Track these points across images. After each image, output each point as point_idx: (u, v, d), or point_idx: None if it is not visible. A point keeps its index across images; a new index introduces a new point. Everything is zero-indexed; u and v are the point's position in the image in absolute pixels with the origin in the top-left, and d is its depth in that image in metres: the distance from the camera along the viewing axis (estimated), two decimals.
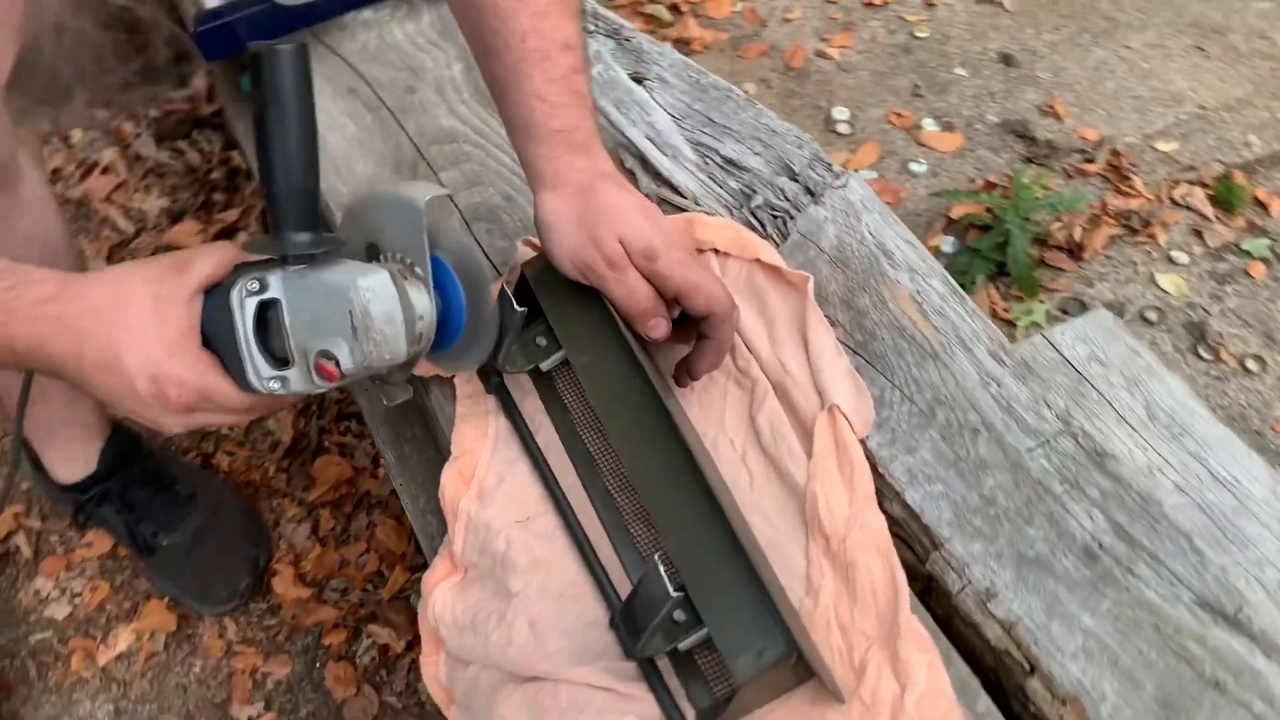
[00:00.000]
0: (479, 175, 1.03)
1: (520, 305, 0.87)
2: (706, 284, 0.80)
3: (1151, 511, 0.78)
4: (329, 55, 1.14)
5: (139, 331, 0.70)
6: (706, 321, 0.81)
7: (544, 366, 0.86)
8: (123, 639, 1.43)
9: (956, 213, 1.91)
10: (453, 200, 1.01)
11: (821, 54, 2.22)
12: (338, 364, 0.71)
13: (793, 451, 0.84)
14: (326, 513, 1.54)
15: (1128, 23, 2.32)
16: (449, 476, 0.85)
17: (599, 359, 0.82)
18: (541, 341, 0.86)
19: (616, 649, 0.77)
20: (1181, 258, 1.90)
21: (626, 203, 0.80)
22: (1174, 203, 1.97)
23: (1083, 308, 1.82)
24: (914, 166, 2.01)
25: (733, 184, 1.01)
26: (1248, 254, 1.91)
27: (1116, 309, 1.84)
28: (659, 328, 0.81)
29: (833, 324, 0.89)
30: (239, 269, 0.74)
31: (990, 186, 1.92)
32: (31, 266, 0.73)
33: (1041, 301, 1.81)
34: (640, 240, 0.79)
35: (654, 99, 1.07)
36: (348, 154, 1.05)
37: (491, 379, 0.89)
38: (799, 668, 0.72)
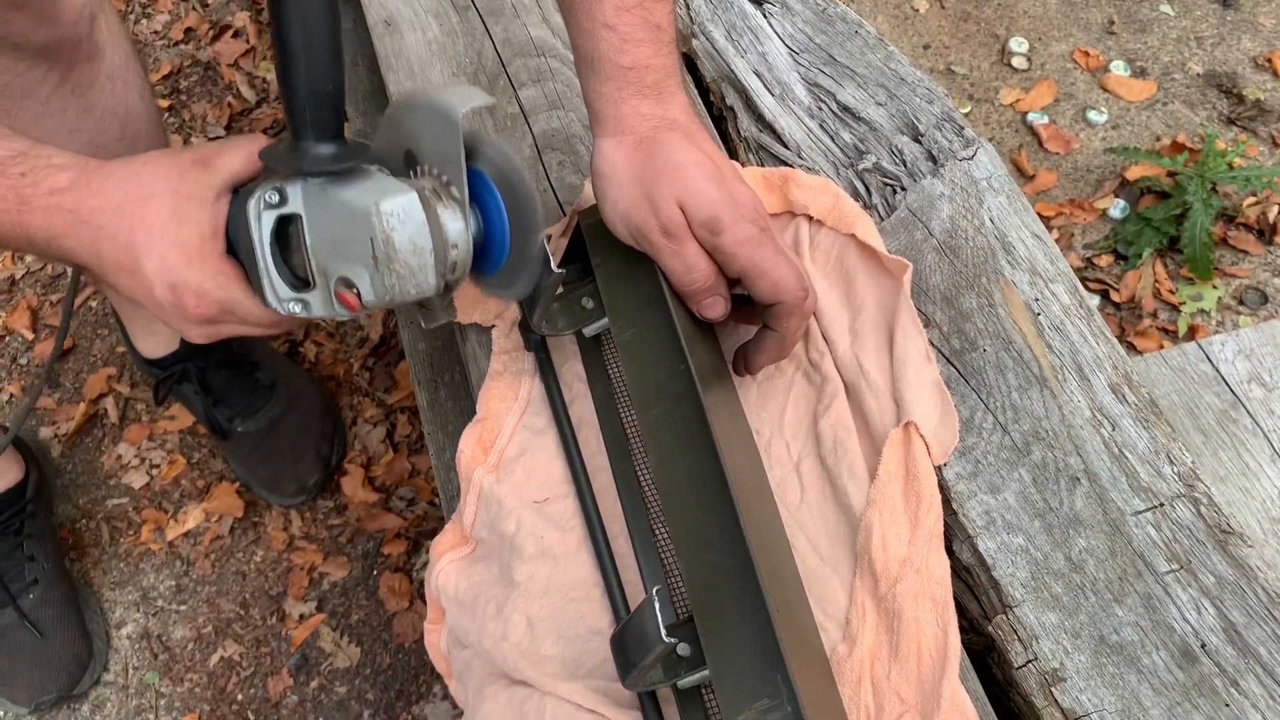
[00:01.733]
0: (562, 97, 0.92)
1: (570, 260, 0.77)
2: (776, 269, 0.68)
3: (1279, 615, 0.64)
4: None
5: (158, 233, 0.64)
6: (772, 310, 0.69)
7: (587, 332, 0.77)
8: (192, 517, 1.43)
9: (1133, 174, 1.70)
10: (528, 124, 0.91)
11: None
12: (359, 295, 0.64)
13: (854, 469, 0.72)
14: (404, 418, 1.50)
15: None
16: (468, 440, 0.77)
17: (645, 336, 0.71)
18: (588, 304, 0.76)
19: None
20: None
21: (695, 161, 0.68)
22: None
23: (1263, 300, 1.59)
24: (1093, 115, 1.78)
25: (845, 136, 0.87)
26: None
27: None
28: (714, 308, 0.70)
29: (928, 323, 0.76)
30: (267, 171, 0.66)
31: (1177, 149, 1.69)
32: (53, 150, 0.67)
33: (1215, 287, 1.59)
34: (704, 209, 0.67)
35: (771, 26, 0.93)
36: (425, 58, 0.95)
37: (532, 335, 0.80)
38: None
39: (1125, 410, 0.71)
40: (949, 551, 0.70)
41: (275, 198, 0.64)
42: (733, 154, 0.90)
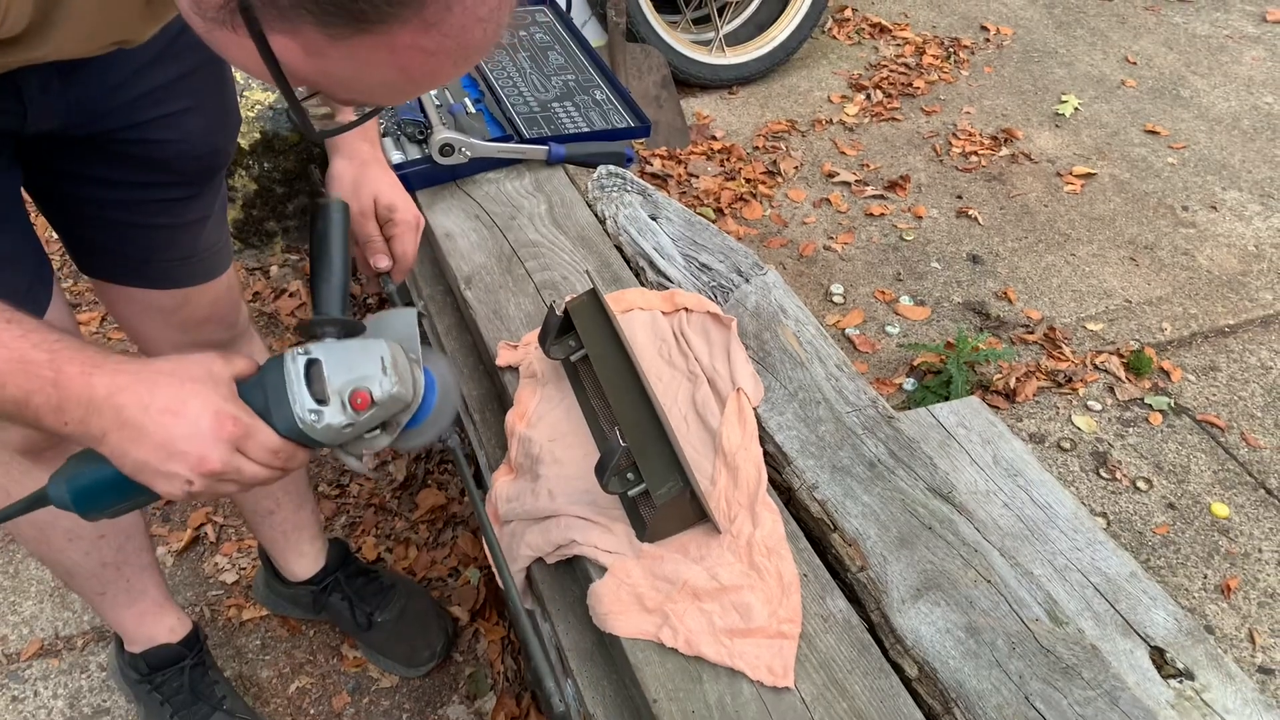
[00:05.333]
0: (550, 265, 1.67)
1: (565, 326, 1.50)
2: (409, 247, 1.31)
3: (913, 448, 1.33)
4: (466, 196, 1.83)
5: (199, 385, 0.89)
6: (399, 266, 1.32)
7: (572, 359, 1.47)
8: None
9: (917, 360, 2.50)
10: (531, 279, 1.66)
11: (828, 248, 2.88)
12: (370, 394, 0.91)
13: (714, 412, 1.41)
14: (425, 527, 2.12)
15: (1077, 238, 2.94)
16: (510, 415, 1.45)
17: (607, 354, 1.42)
18: (572, 343, 1.47)
19: (600, 500, 1.32)
20: (1096, 406, 2.43)
21: (385, 178, 1.25)
22: (1095, 367, 2.52)
23: None
24: (889, 329, 2.61)
25: (704, 277, 1.63)
26: (1150, 407, 2.44)
27: (1038, 438, 2.36)
28: (382, 261, 1.27)
29: (747, 346, 1.49)
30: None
31: (945, 345, 2.51)
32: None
33: None
34: (384, 200, 1.25)
35: (662, 229, 1.72)
36: (470, 250, 1.71)
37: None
38: (695, 506, 1.27)
39: (843, 374, 1.43)
40: (763, 446, 1.38)
41: (302, 351, 0.93)
42: (645, 286, 1.65)
